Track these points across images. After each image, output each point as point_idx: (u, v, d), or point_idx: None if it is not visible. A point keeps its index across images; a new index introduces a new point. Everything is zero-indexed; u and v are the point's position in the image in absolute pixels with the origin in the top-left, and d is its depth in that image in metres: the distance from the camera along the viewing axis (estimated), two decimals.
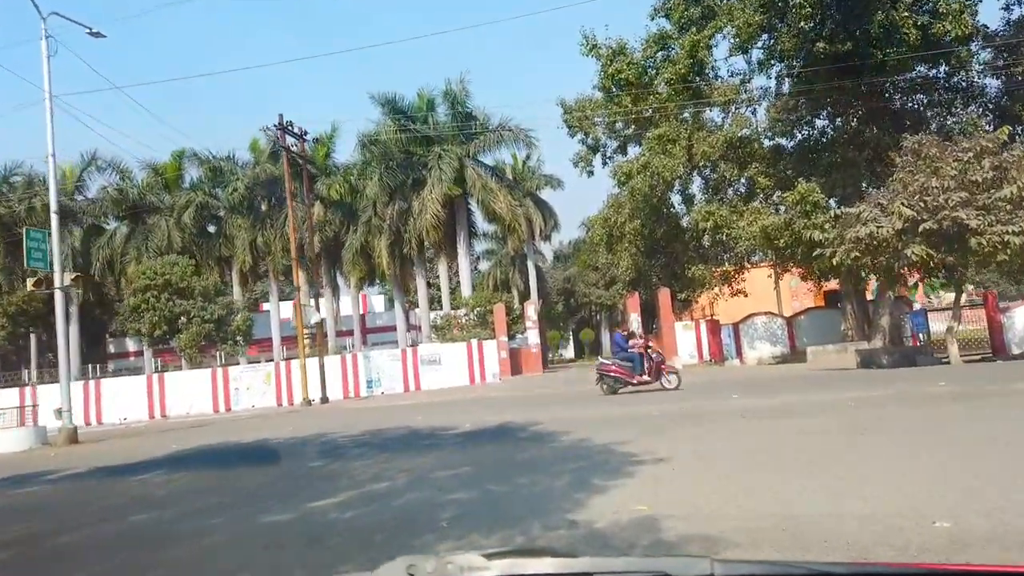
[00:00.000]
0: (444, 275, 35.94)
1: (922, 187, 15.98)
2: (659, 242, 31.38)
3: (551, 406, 14.41)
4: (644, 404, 12.61)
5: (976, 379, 12.25)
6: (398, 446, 10.09)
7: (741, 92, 28.12)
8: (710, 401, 11.97)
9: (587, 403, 14.62)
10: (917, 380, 12.63)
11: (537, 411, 13.10)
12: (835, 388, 12.62)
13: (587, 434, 9.00)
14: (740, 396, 12.14)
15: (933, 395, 10.01)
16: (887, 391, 10.73)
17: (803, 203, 23.86)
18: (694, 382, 18.20)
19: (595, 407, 13.27)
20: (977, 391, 10.23)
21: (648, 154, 27.37)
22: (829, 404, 9.88)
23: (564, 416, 11.95)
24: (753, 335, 30.22)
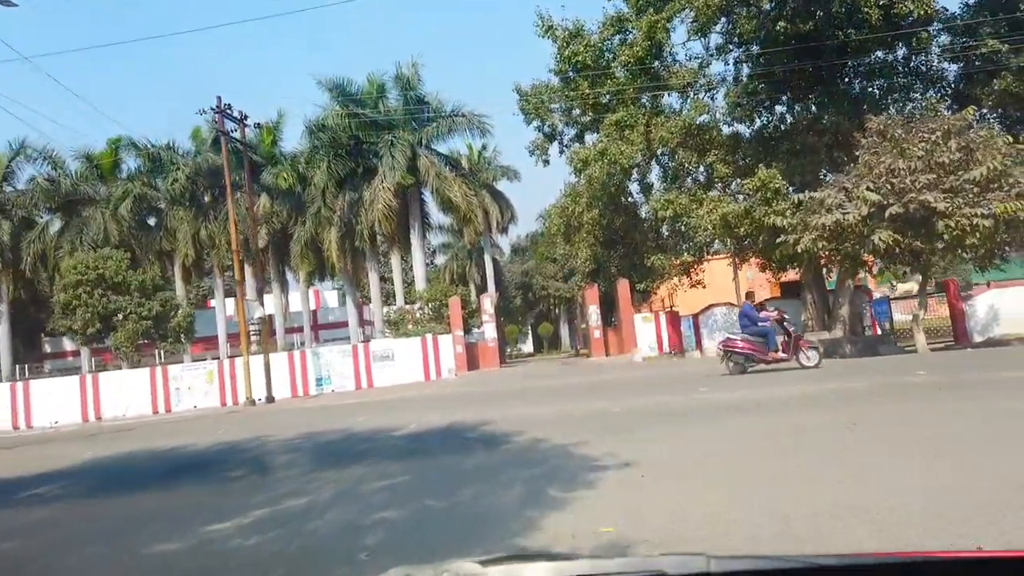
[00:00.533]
0: (397, 268, 34.69)
1: (888, 169, 15.41)
2: (618, 232, 30.65)
3: (506, 403, 13.44)
4: (603, 400, 11.72)
5: (952, 368, 11.67)
6: (332, 452, 9.00)
7: (699, 77, 27.47)
8: (677, 395, 11.13)
9: (543, 399, 13.70)
10: (893, 370, 12.00)
11: (490, 408, 12.12)
12: (808, 380, 11.90)
13: (543, 434, 8.06)
14: (709, 389, 11.34)
15: (918, 385, 9.33)
16: (867, 382, 10.02)
17: (764, 190, 23.28)
18: (655, 375, 17.44)
19: (551, 403, 12.34)
20: (960, 380, 9.57)
21: (605, 140, 26.53)
22: (811, 398, 9.13)
23: (519, 414, 11.00)
24: (713, 326, 29.65)
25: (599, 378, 18.89)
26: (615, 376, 18.83)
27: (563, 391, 15.45)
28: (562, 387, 16.77)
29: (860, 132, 16.98)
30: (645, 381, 15.53)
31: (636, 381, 15.91)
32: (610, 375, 19.41)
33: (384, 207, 30.86)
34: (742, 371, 14.85)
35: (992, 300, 20.24)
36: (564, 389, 15.86)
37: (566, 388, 16.08)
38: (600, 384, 16.21)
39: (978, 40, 21.58)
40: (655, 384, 14.51)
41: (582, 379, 18.90)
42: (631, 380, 16.62)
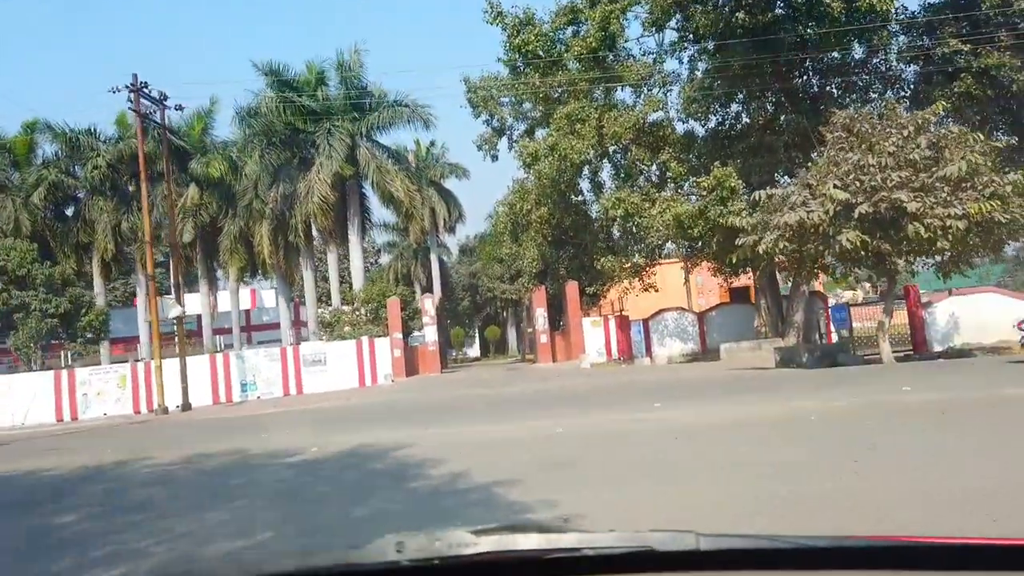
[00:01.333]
0: (334, 266, 32.64)
1: (857, 165, 14.28)
2: (567, 232, 29.28)
3: (435, 417, 11.79)
4: (545, 417, 10.16)
5: (935, 382, 10.47)
6: (200, 487, 7.23)
7: (654, 72, 26.30)
8: (628, 411, 9.64)
9: (478, 413, 12.10)
10: (871, 383, 10.79)
11: (415, 425, 10.47)
12: (775, 393, 10.59)
13: (466, 465, 6.46)
14: (663, 405, 9.89)
15: (917, 407, 7.97)
16: (850, 400, 8.62)
17: (719, 189, 22.19)
18: (604, 384, 16.00)
19: (485, 420, 10.73)
20: (959, 400, 8.27)
21: (555, 135, 25.11)
22: (787, 417, 7.75)
23: (445, 434, 9.39)
24: (664, 332, 28.54)
25: (543, 387, 17.38)
26: (560, 385, 17.35)
27: (502, 403, 13.87)
28: (502, 398, 15.20)
29: (824, 127, 15.86)
30: (592, 392, 14.05)
31: (582, 392, 14.41)
32: (555, 384, 17.93)
33: (320, 200, 28.84)
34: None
35: (952, 308, 19.44)
36: (503, 401, 14.28)
37: (506, 400, 14.50)
38: (543, 395, 14.69)
39: (939, 39, 20.84)
40: (603, 396, 13.03)
41: (525, 388, 17.37)
42: (577, 391, 15.14)
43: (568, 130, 25.01)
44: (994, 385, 9.30)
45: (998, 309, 18.92)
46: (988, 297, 19.28)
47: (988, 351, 17.43)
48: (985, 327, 18.91)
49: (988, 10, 19.94)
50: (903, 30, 22.40)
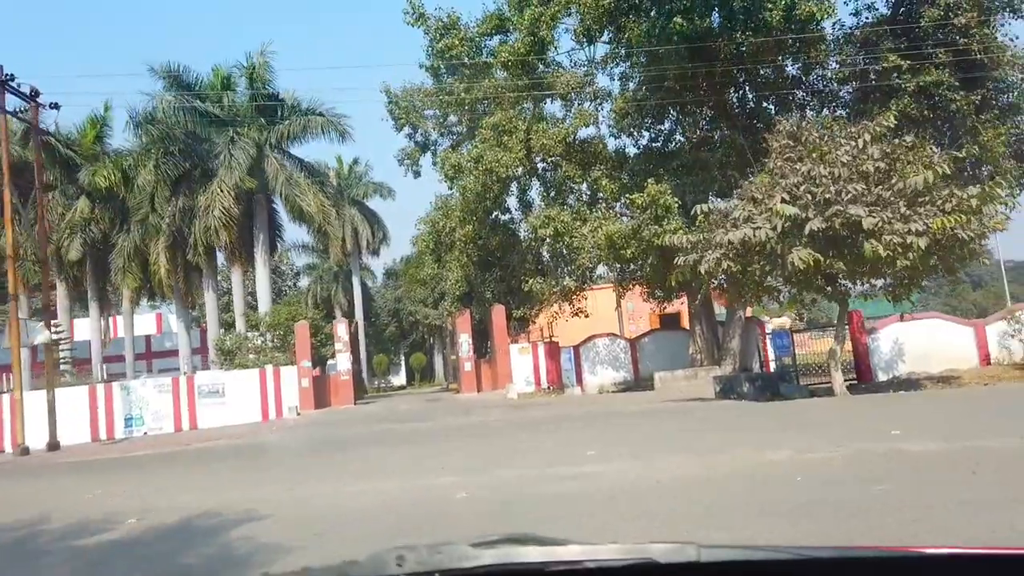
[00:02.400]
0: (239, 288, 29.81)
1: (807, 176, 12.91)
2: (494, 252, 27.42)
3: (321, 465, 9.57)
4: (452, 469, 8.13)
5: (921, 422, 8.88)
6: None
7: (585, 84, 24.92)
8: (556, 464, 7.67)
9: (376, 460, 9.95)
10: (841, 423, 9.16)
11: (290, 478, 8.26)
12: (731, 435, 8.85)
13: (323, 556, 4.36)
14: (599, 452, 7.98)
15: (929, 462, 6.02)
16: (831, 448, 6.64)
17: (654, 207, 20.78)
18: (530, 420, 14.04)
19: (374, 473, 8.60)
20: (981, 451, 6.25)
21: (480, 146, 23.33)
22: (759, 475, 5.88)
23: (317, 495, 7.24)
24: (595, 359, 26.89)
25: (461, 423, 15.31)
26: (481, 420, 15.32)
27: (409, 443, 11.74)
28: (412, 435, 13.07)
29: (769, 134, 14.51)
30: (515, 430, 12.08)
31: (504, 430, 12.41)
32: (476, 419, 15.89)
33: (221, 214, 26.15)
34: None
35: (896, 335, 18.39)
36: (410, 440, 12.14)
37: (414, 438, 12.34)
38: (458, 434, 12.63)
39: (877, 56, 20.07)
40: (527, 436, 11.06)
41: (440, 424, 15.25)
42: (499, 428, 13.13)
43: (494, 142, 23.28)
44: (1003, 427, 7.76)
45: (944, 336, 17.96)
46: (933, 323, 18.32)
47: (937, 380, 16.32)
48: (930, 355, 17.89)
49: (927, 25, 19.25)
50: (841, 45, 21.60)
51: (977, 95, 19.53)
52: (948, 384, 15.91)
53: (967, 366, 17.50)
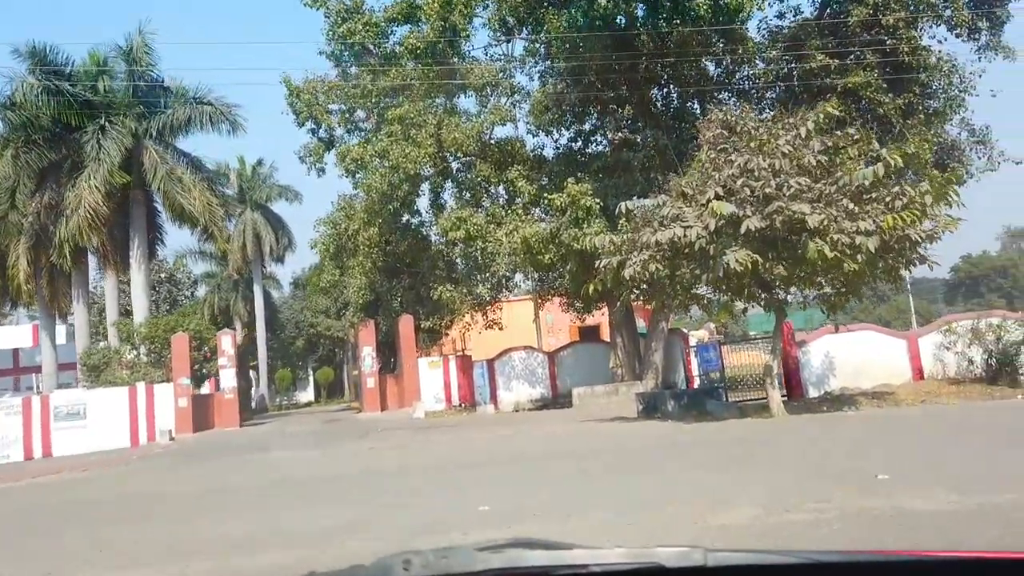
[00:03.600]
0: (112, 296, 26.51)
1: (744, 169, 11.43)
2: (403, 258, 25.25)
3: (123, 528, 7.24)
4: (335, 528, 6.00)
5: (892, 454, 7.26)
6: None
7: (500, 80, 23.21)
8: (435, 530, 5.61)
9: (224, 508, 7.69)
10: (798, 455, 7.47)
11: (74, 554, 5.94)
12: (667, 473, 7.07)
13: None
14: (492, 509, 5.98)
15: (954, 526, 4.18)
16: (815, 504, 4.83)
17: (574, 208, 19.18)
18: (424, 460, 12.00)
19: (213, 538, 6.36)
20: (999, 508, 4.79)
21: (386, 140, 21.21)
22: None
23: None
24: (510, 374, 25.05)
25: (354, 448, 13.09)
26: (374, 448, 13.14)
27: (279, 485, 9.47)
28: (286, 472, 10.80)
29: (704, 122, 13.00)
30: (400, 471, 9.95)
31: (385, 473, 10.24)
32: (369, 444, 13.69)
33: (89, 212, 22.99)
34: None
35: (828, 347, 17.30)
36: (280, 482, 9.84)
37: (285, 481, 10.03)
38: (346, 467, 10.43)
39: (805, 55, 19.13)
40: (409, 482, 8.98)
41: (327, 453, 12.96)
42: (395, 462, 11.00)
43: (402, 136, 21.20)
44: (1000, 466, 6.21)
45: (876, 348, 16.96)
46: (866, 336, 17.32)
47: (871, 397, 15.19)
48: (862, 369, 16.85)
49: (855, 23, 18.41)
50: (768, 43, 20.63)
51: (904, 99, 18.84)
52: (883, 400, 14.80)
53: (900, 381, 16.53)
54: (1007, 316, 16.11)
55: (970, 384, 15.38)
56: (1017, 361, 15.02)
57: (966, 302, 74.40)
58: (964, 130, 21.05)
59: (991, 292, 73.12)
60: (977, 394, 14.53)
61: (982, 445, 7.72)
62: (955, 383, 15.62)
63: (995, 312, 17.23)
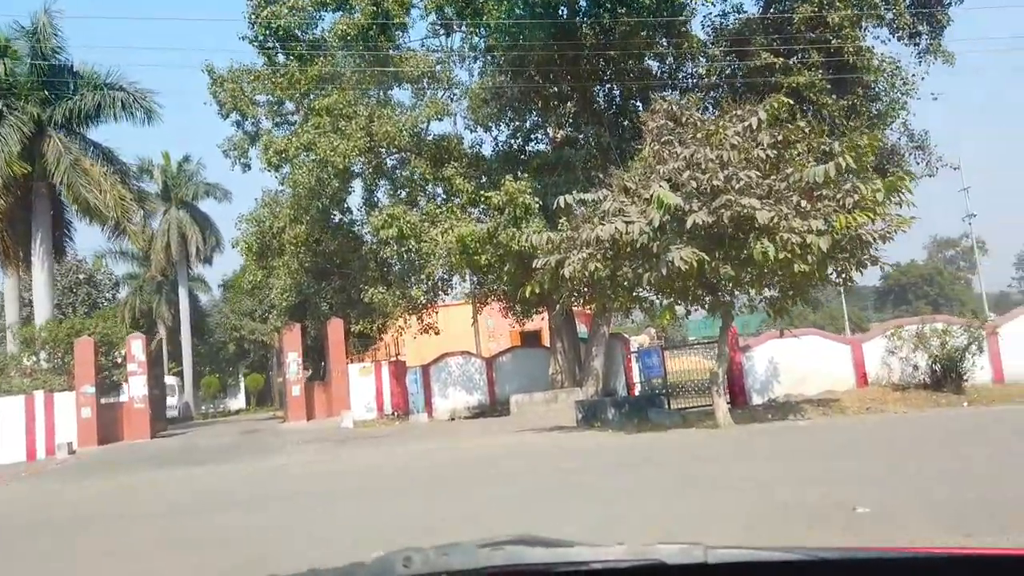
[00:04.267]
0: (12, 297, 24.35)
1: (690, 161, 10.64)
2: (333, 258, 23.87)
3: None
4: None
5: (863, 476, 6.43)
6: None
7: (437, 72, 22.15)
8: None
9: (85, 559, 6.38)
10: (764, 479, 6.53)
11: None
12: (613, 505, 6.09)
13: None
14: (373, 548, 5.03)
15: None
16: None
17: (512, 207, 18.24)
18: (357, 464, 10.83)
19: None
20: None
21: (313, 132, 19.88)
22: None
23: None
24: (446, 381, 23.93)
25: (259, 466, 11.79)
26: (284, 465, 11.87)
27: (165, 516, 8.16)
28: (172, 497, 9.47)
29: (649, 112, 12.17)
30: (291, 495, 8.75)
31: (296, 491, 9.04)
32: (281, 460, 12.40)
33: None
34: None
35: (772, 353, 16.74)
36: (168, 512, 8.52)
37: (174, 509, 8.71)
38: (237, 491, 9.17)
39: (750, 53, 18.67)
40: (325, 502, 7.81)
41: (228, 471, 11.61)
42: (294, 484, 9.78)
43: (330, 127, 19.90)
44: (989, 485, 5.45)
45: (821, 354, 16.48)
46: (810, 341, 16.84)
47: (817, 404, 14.64)
48: (807, 375, 16.34)
49: (800, 21, 18.00)
50: (712, 40, 20.12)
51: (848, 100, 18.54)
52: (829, 408, 14.25)
53: (844, 387, 16.06)
54: (951, 321, 15.83)
55: (915, 391, 15.00)
56: (961, 367, 14.68)
57: (895, 309, 76.50)
58: (903, 135, 21.00)
59: (918, 299, 75.20)
60: (923, 401, 14.13)
61: (954, 464, 7.01)
62: (899, 389, 15.22)
63: (939, 317, 16.97)
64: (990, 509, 4.91)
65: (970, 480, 6.01)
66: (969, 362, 14.74)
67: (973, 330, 14.87)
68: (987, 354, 15.26)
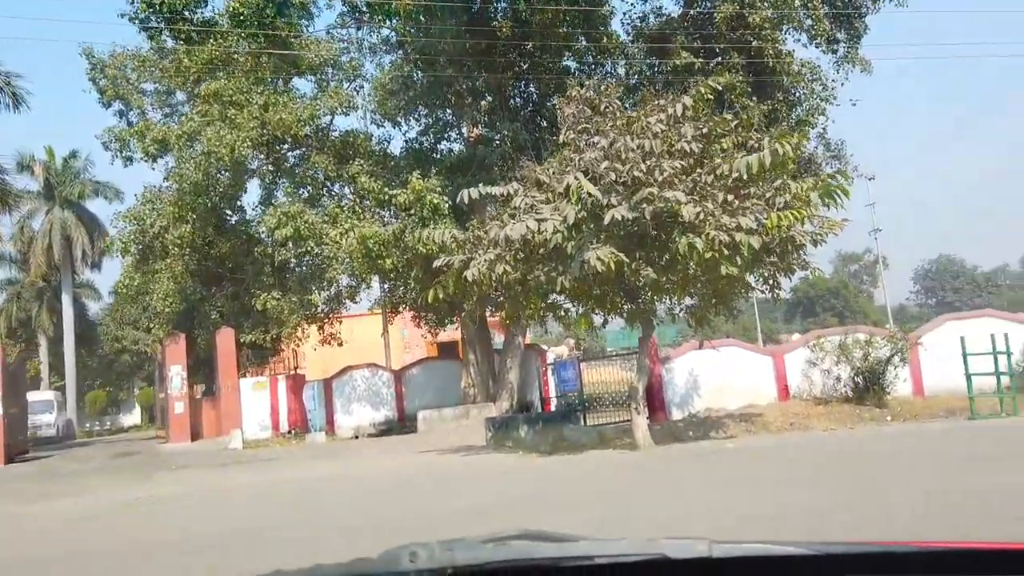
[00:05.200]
0: None
1: (609, 151, 9.53)
2: (224, 262, 21.80)
3: None
4: None
5: (810, 516, 5.35)
6: None
7: (343, 59, 20.60)
8: None
9: None
10: (706, 524, 5.48)
11: None
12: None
13: None
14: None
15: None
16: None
17: (419, 206, 16.87)
18: (181, 513, 9.15)
19: None
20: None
21: (198, 119, 17.96)
22: None
23: None
24: (351, 395, 22.21)
25: (115, 498, 9.90)
26: (150, 495, 10.03)
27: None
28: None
29: (564, 99, 11.01)
30: (154, 539, 7.09)
31: (135, 540, 7.32)
32: (147, 490, 10.53)
33: None
34: None
35: (692, 364, 15.90)
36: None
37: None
38: (54, 542, 7.38)
39: (669, 47, 17.95)
40: (154, 557, 6.18)
41: (69, 505, 9.68)
42: (130, 532, 8.03)
43: (218, 115, 18.02)
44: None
45: (742, 366, 15.72)
46: (732, 352, 16.06)
47: (739, 419, 13.81)
48: (727, 388, 15.56)
49: (720, 20, 17.38)
50: (632, 38, 19.34)
51: (768, 105, 18.04)
52: (752, 424, 13.44)
53: (766, 400, 15.35)
54: (874, 332, 15.35)
55: (837, 404, 14.37)
56: (884, 380, 14.15)
57: (803, 321, 78.84)
58: (821, 143, 20.74)
59: (825, 312, 77.70)
60: (847, 416, 13.47)
61: (896, 498, 6.02)
62: (821, 403, 14.58)
63: (861, 328, 16.53)
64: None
65: (920, 521, 5.03)
66: (892, 374, 14.23)
67: (896, 340, 14.38)
68: (908, 366, 14.81)
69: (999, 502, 5.33)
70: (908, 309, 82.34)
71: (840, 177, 9.53)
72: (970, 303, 74.12)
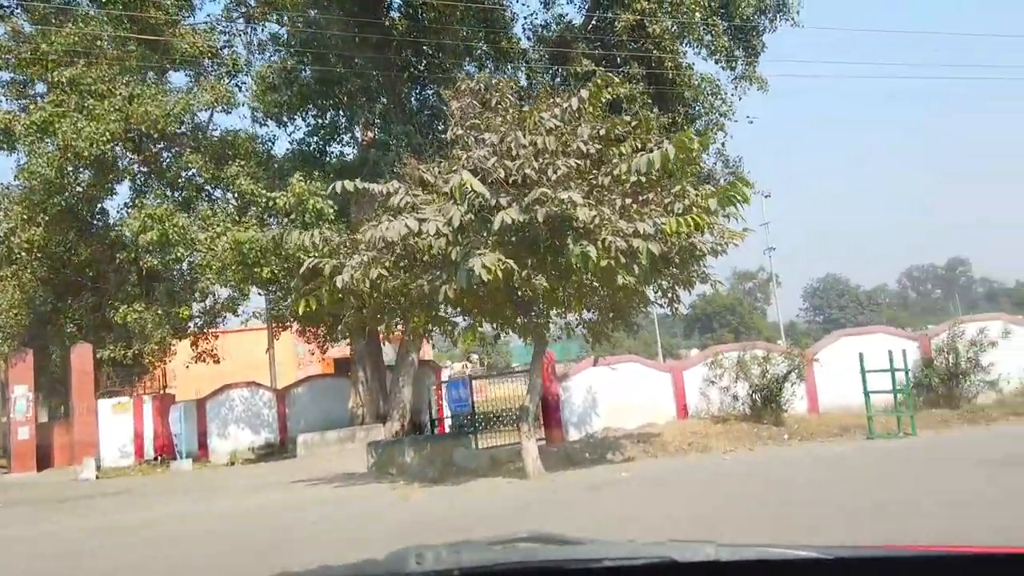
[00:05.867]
0: None
1: (499, 148, 8.64)
2: (85, 270, 19.63)
3: None
4: None
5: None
6: None
7: (223, 52, 19.01)
8: None
9: None
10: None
11: None
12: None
13: None
14: None
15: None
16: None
17: (301, 211, 15.54)
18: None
19: None
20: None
21: (51, 109, 15.99)
22: None
23: None
24: (227, 417, 20.38)
25: None
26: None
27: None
28: None
29: (454, 92, 10.05)
30: None
31: None
32: None
33: None
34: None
35: (590, 382, 15.18)
36: None
37: None
38: None
39: (568, 51, 17.44)
40: None
41: None
42: None
43: (75, 105, 16.11)
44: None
45: (641, 383, 15.13)
46: (630, 368, 15.44)
47: (636, 440, 13.17)
48: (625, 406, 14.94)
49: (621, 29, 16.98)
50: (532, 44, 18.74)
51: (669, 118, 17.75)
52: (650, 445, 12.83)
53: (664, 419, 14.82)
54: (771, 348, 15.12)
55: (735, 422, 13.97)
56: (781, 398, 13.86)
57: (701, 336, 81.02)
58: (719, 159, 20.72)
59: (722, 328, 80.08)
60: (745, 434, 13.05)
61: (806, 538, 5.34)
62: (720, 421, 14.16)
63: (759, 344, 16.29)
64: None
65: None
66: (789, 391, 13.97)
67: (793, 357, 14.14)
68: (804, 383, 14.61)
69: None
70: (798, 326, 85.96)
71: (739, 184, 8.94)
72: (854, 320, 78.20)
